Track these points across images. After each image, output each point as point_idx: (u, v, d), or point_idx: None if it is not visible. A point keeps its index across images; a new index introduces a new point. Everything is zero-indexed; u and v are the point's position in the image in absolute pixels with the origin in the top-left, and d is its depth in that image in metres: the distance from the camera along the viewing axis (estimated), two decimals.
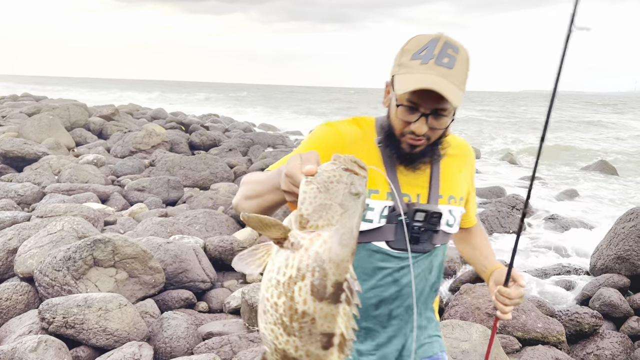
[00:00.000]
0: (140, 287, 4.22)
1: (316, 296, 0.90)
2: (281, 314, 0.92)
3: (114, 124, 14.23)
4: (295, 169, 1.00)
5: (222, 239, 5.20)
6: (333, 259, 0.90)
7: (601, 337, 4.17)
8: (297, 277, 0.91)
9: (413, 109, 1.38)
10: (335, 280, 0.90)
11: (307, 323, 0.91)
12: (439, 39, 1.37)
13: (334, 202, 0.93)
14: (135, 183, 7.88)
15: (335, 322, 0.92)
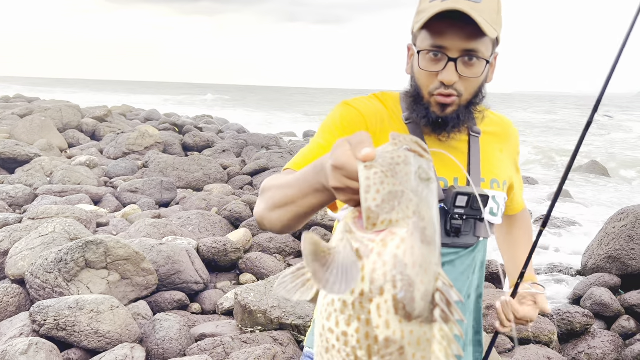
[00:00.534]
0: (132, 288, 4.21)
1: (402, 315, 0.66)
2: (354, 347, 0.67)
3: (107, 125, 14.18)
4: (345, 156, 0.74)
5: (215, 240, 5.20)
6: (418, 262, 0.67)
7: (592, 336, 4.20)
8: (372, 291, 0.67)
9: (438, 56, 1.18)
10: (425, 290, 0.67)
11: (393, 355, 0.67)
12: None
13: (406, 188, 0.70)
14: (128, 184, 7.85)
15: (431, 349, 0.68)
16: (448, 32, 1.17)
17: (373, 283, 0.67)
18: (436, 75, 1.20)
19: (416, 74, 1.25)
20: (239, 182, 9.13)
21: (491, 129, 1.39)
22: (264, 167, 9.62)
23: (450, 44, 1.17)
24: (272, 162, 10.51)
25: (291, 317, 3.68)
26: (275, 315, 3.70)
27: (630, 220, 5.10)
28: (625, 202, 10.38)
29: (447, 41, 1.17)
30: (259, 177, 9.27)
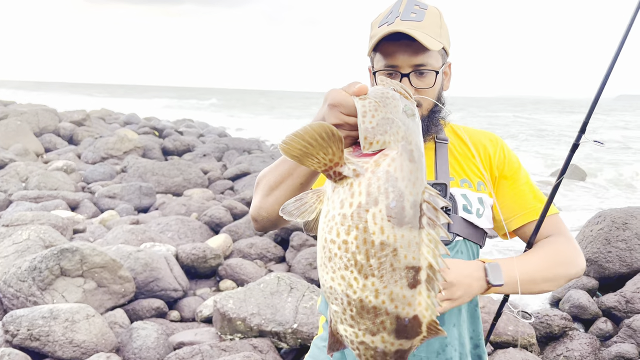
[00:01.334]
0: (109, 296, 4.13)
1: (395, 221, 0.77)
2: (354, 253, 0.78)
3: (85, 129, 13.97)
4: (340, 95, 0.85)
5: (194, 247, 5.13)
6: (407, 176, 0.78)
7: (570, 339, 4.24)
8: (368, 203, 0.77)
9: (392, 74, 1.30)
10: (414, 200, 0.78)
11: (387, 256, 0.77)
12: (401, 1, 1.32)
13: (396, 117, 0.82)
14: (106, 190, 7.73)
15: (420, 251, 0.78)
16: (397, 52, 1.28)
17: (369, 195, 0.78)
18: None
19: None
20: (220, 187, 9.05)
21: (466, 137, 1.43)
22: (245, 172, 9.56)
23: (400, 62, 1.29)
24: (254, 166, 10.46)
25: (271, 324, 3.65)
26: (254, 322, 3.66)
27: (607, 223, 5.17)
28: (603, 205, 10.56)
29: (398, 60, 1.29)
30: (240, 182, 9.21)
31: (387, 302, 0.79)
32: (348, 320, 0.82)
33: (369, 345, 0.82)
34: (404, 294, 0.79)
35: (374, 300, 0.79)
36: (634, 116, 54.12)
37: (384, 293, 0.78)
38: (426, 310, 0.81)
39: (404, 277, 0.79)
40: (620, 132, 30.98)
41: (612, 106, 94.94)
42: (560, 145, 23.08)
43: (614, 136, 27.60)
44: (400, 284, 0.79)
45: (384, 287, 0.78)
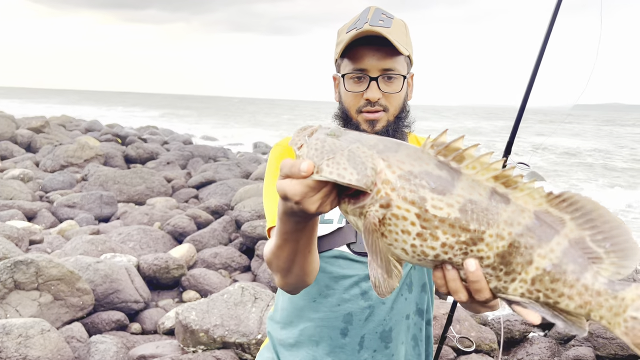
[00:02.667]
0: (66, 310, 4.00)
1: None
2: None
3: (44, 136, 13.56)
4: (287, 184, 0.82)
5: (156, 257, 5.03)
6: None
7: (530, 343, 4.33)
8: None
9: (360, 78, 1.31)
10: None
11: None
12: (370, 8, 1.35)
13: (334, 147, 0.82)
14: (65, 199, 7.51)
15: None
16: (366, 56, 1.29)
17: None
18: (362, 95, 1.31)
19: (343, 96, 1.36)
20: (184, 195, 8.91)
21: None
22: (210, 180, 9.44)
23: (369, 65, 1.30)
24: (219, 174, 10.34)
25: (235, 335, 3.60)
26: (218, 333, 3.60)
27: None
28: None
29: (367, 63, 1.30)
30: (204, 190, 9.09)
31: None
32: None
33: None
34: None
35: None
36: (587, 125, 56.13)
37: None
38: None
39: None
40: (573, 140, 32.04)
41: (569, 116, 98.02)
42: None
43: (572, 144, 28.52)
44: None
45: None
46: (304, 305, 1.33)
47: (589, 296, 0.77)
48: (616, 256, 0.77)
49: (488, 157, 0.79)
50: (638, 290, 0.76)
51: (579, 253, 0.78)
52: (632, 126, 59.32)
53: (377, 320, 1.28)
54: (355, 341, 1.28)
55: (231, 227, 6.52)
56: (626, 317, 0.76)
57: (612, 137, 39.18)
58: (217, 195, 8.47)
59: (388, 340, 1.29)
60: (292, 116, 55.99)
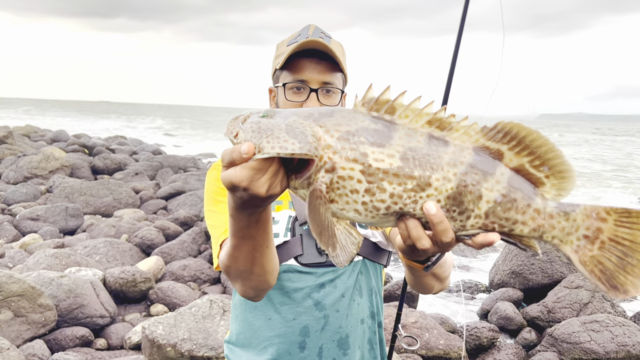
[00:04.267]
0: (27, 327, 3.87)
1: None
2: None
3: (6, 147, 13.18)
4: (230, 175, 0.80)
5: (123, 270, 4.93)
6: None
7: (498, 350, 4.40)
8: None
9: (300, 89, 1.33)
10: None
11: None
12: (309, 26, 1.38)
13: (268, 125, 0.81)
14: (28, 212, 7.30)
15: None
16: (307, 67, 1.32)
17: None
18: (301, 105, 1.32)
19: (282, 106, 1.36)
20: (153, 207, 8.77)
21: None
22: (179, 190, 9.32)
23: (310, 77, 1.32)
24: (189, 184, 10.22)
25: (203, 349, 3.54)
26: (185, 347, 3.54)
27: None
28: None
29: (307, 75, 1.32)
30: (174, 201, 8.97)
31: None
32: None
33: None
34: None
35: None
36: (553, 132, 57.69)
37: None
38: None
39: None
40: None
41: (537, 124, 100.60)
42: None
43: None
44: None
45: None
46: (260, 325, 1.32)
47: (542, 219, 0.81)
48: (555, 179, 0.81)
49: (418, 103, 0.81)
50: (587, 211, 0.80)
51: (523, 180, 0.81)
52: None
53: (333, 329, 1.29)
54: (314, 353, 1.28)
55: (201, 239, 6.45)
56: (578, 235, 0.80)
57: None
58: (187, 206, 8.36)
59: (346, 347, 1.30)
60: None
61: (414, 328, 4.06)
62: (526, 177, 0.81)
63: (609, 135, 59.96)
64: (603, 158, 28.86)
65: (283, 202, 1.34)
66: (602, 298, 4.78)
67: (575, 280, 4.90)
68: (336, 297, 1.29)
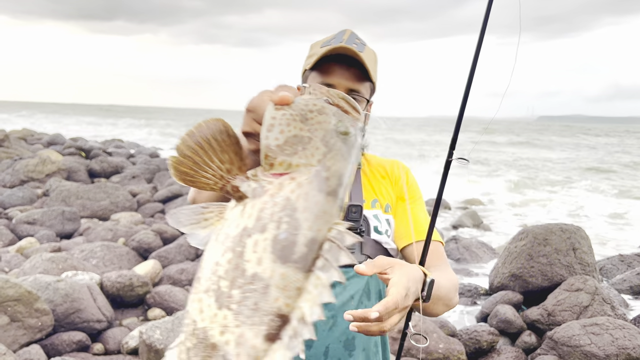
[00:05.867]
0: (24, 332, 3.83)
1: (278, 256, 0.62)
2: (220, 277, 0.64)
3: (3, 150, 13.12)
4: (259, 99, 0.71)
5: (120, 274, 4.89)
6: (311, 208, 0.64)
7: (498, 353, 4.37)
8: (254, 227, 0.64)
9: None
10: (312, 237, 0.63)
11: (255, 292, 0.62)
12: (345, 30, 1.37)
13: (315, 136, 0.67)
14: (25, 215, 7.25)
15: (297, 299, 0.63)
16: (336, 72, 1.31)
17: (258, 220, 0.64)
18: None
19: None
20: (150, 210, 8.73)
21: (375, 164, 1.48)
22: (176, 194, 9.29)
23: (337, 82, 1.31)
24: (186, 188, 10.18)
25: None
26: None
27: (530, 239, 5.42)
28: (529, 221, 11.11)
29: (335, 80, 1.31)
30: (171, 204, 8.93)
31: (231, 345, 0.62)
32: (184, 351, 0.66)
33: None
34: (255, 344, 0.62)
35: (217, 337, 0.63)
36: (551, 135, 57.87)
37: (232, 332, 0.62)
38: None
39: (265, 324, 0.62)
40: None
41: (535, 126, 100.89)
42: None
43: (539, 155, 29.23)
44: (256, 331, 0.62)
45: (236, 325, 0.62)
46: None
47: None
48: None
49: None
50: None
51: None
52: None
53: (341, 329, 1.28)
54: (320, 352, 1.27)
55: None
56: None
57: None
58: None
59: (351, 348, 1.29)
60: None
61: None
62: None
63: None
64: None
65: None
66: (602, 301, 4.76)
67: (575, 283, 4.89)
68: (345, 299, 1.29)
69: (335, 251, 0.64)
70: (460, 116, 1.39)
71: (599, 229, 10.57)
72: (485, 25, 1.35)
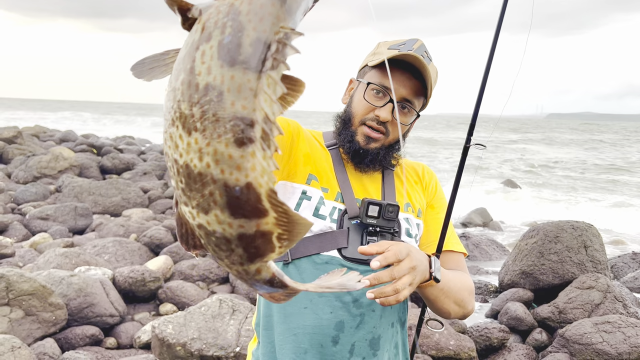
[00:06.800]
0: (38, 325, 3.89)
1: (225, 59, 0.59)
2: (179, 101, 0.61)
3: (16, 147, 13.26)
4: None
5: (132, 270, 4.94)
6: (254, 10, 0.60)
7: (508, 351, 4.36)
8: (201, 39, 0.61)
9: (380, 94, 1.33)
10: (257, 37, 0.60)
11: (211, 102, 0.59)
12: (417, 40, 1.36)
13: None
14: (38, 211, 7.34)
15: (255, 100, 0.60)
16: (397, 79, 1.31)
17: (204, 31, 0.61)
18: (374, 110, 1.33)
19: (356, 102, 1.37)
20: (161, 206, 8.80)
21: (407, 167, 1.50)
22: None
23: (395, 88, 1.30)
24: None
25: (212, 349, 3.54)
26: (195, 347, 3.54)
27: (540, 237, 5.40)
28: (537, 217, 11.04)
29: (394, 84, 1.30)
30: None
31: (212, 166, 0.60)
32: (182, 196, 0.64)
33: (207, 229, 0.65)
34: (230, 152, 0.60)
35: (198, 165, 0.61)
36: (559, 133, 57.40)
37: (207, 153, 0.60)
38: (261, 176, 0.61)
39: (230, 131, 0.59)
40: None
41: (543, 124, 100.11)
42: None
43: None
44: (224, 140, 0.60)
45: (207, 144, 0.60)
46: (293, 312, 1.30)
47: None
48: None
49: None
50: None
51: None
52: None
53: (368, 328, 1.28)
54: (345, 349, 1.27)
55: None
56: None
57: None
58: None
59: (376, 348, 1.30)
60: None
61: (423, 328, 4.04)
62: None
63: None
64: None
65: (329, 190, 1.33)
66: (614, 299, 4.73)
67: (587, 280, 4.86)
68: (372, 301, 1.28)
69: (282, 50, 0.61)
70: (477, 104, 1.42)
71: (611, 226, 10.49)
72: (502, 18, 1.36)
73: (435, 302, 1.31)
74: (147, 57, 0.69)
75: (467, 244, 7.94)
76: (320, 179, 1.32)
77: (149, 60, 0.69)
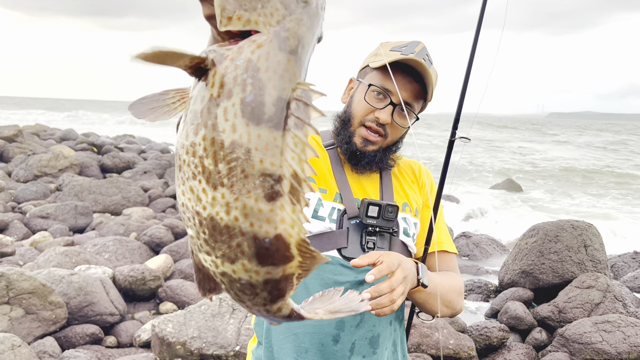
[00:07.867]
0: (38, 324, 3.89)
1: (250, 118, 0.61)
2: (201, 156, 0.62)
3: (16, 145, 13.26)
4: None
5: (132, 268, 4.94)
6: (273, 67, 0.62)
7: (508, 350, 4.37)
8: (219, 96, 0.62)
9: (383, 96, 1.34)
10: (278, 96, 0.62)
11: (239, 160, 0.61)
12: (419, 42, 1.37)
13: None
14: (38, 210, 7.35)
15: (282, 157, 0.62)
16: (398, 81, 1.31)
17: (222, 87, 0.62)
18: (373, 111, 1.34)
19: (356, 103, 1.38)
20: (161, 205, 8.80)
21: (403, 167, 1.50)
22: None
23: (396, 90, 1.31)
24: None
25: (212, 347, 3.55)
26: (195, 346, 3.54)
27: (540, 236, 5.40)
28: (537, 217, 11.04)
29: (394, 88, 1.32)
30: None
31: (240, 219, 0.62)
32: (204, 246, 0.66)
33: (232, 277, 0.67)
34: (260, 207, 0.62)
35: (225, 218, 0.63)
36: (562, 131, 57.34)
37: (235, 207, 0.62)
38: (292, 227, 0.64)
39: (259, 187, 0.62)
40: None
41: (546, 124, 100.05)
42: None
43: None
44: (254, 196, 0.62)
45: (235, 199, 0.62)
46: None
47: None
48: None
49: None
50: None
51: None
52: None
53: (367, 327, 1.30)
54: (346, 347, 1.28)
55: None
56: None
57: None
58: None
59: (376, 346, 1.32)
60: None
61: (423, 327, 4.04)
62: None
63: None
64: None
65: (328, 191, 1.34)
66: (614, 298, 4.73)
67: (587, 280, 4.86)
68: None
69: (304, 108, 0.63)
70: (461, 97, 1.44)
71: (612, 226, 10.49)
72: (481, 17, 1.39)
73: (424, 305, 1.34)
74: (145, 97, 0.68)
75: (467, 243, 7.94)
76: (317, 180, 1.33)
77: (147, 100, 0.68)
